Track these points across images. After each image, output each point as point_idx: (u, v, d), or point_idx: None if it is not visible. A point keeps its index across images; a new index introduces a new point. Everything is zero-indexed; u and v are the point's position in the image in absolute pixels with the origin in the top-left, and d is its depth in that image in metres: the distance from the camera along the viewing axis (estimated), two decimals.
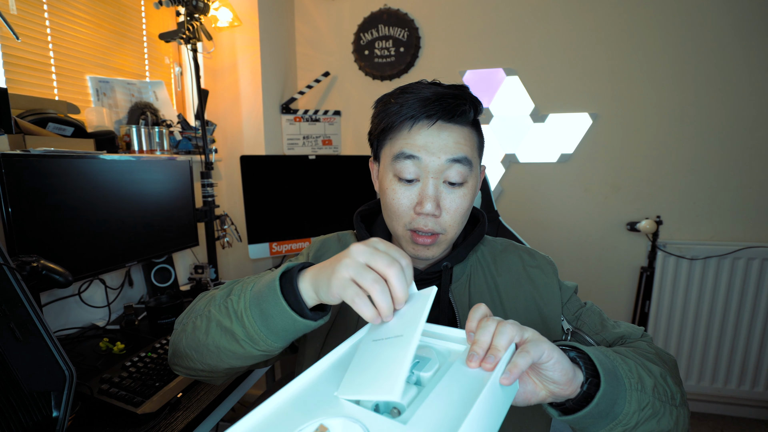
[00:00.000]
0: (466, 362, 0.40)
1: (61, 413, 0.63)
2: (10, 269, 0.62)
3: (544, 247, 2.00)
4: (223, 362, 0.54)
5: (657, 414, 0.49)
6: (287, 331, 0.48)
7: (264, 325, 0.48)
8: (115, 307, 1.34)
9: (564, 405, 0.46)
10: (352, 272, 0.43)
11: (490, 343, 0.40)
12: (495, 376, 0.38)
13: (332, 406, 0.37)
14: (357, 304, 0.43)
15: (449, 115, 0.60)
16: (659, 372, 0.52)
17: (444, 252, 0.68)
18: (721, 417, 1.93)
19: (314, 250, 0.74)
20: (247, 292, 0.50)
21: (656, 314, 1.90)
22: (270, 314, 0.47)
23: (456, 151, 0.60)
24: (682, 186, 1.86)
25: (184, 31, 1.45)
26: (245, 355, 0.51)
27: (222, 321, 0.52)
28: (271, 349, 0.50)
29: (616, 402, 0.45)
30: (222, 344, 0.52)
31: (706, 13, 1.73)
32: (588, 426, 0.46)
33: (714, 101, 1.77)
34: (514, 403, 0.44)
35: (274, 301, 0.47)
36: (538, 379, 0.43)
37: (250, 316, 0.49)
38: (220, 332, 0.52)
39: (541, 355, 0.40)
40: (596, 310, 0.69)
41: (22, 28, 1.18)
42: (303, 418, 0.36)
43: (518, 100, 1.97)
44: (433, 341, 0.46)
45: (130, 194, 1.23)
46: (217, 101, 1.93)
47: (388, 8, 2.02)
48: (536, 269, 0.70)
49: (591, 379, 0.45)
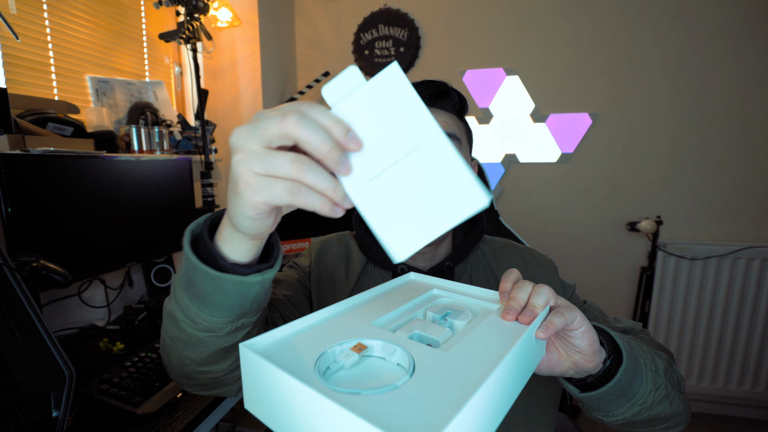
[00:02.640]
0: (502, 315, 0.41)
1: (61, 413, 0.63)
2: (9, 269, 0.62)
3: (544, 247, 2.00)
4: (185, 356, 0.46)
5: (669, 396, 0.50)
6: (215, 296, 0.39)
7: (191, 295, 0.40)
8: (115, 307, 1.34)
9: (585, 381, 0.47)
10: (256, 166, 0.30)
11: (527, 301, 0.41)
12: (531, 328, 0.38)
13: (368, 331, 0.38)
14: (298, 199, 0.31)
15: (434, 98, 0.65)
16: (666, 358, 0.55)
17: (444, 249, 0.69)
18: (721, 417, 1.92)
19: (315, 251, 0.74)
20: (181, 266, 0.43)
21: (656, 314, 1.90)
22: (191, 278, 0.39)
23: (445, 128, 0.63)
24: (682, 186, 1.86)
25: (184, 30, 1.45)
26: (192, 339, 0.43)
27: (166, 306, 0.46)
28: (213, 326, 0.41)
29: (634, 380, 0.47)
30: (173, 333, 0.45)
31: (706, 13, 1.73)
32: (607, 404, 0.47)
33: (714, 101, 1.77)
34: (538, 371, 0.45)
35: (186, 259, 0.39)
36: (564, 348, 0.44)
37: (180, 289, 0.42)
38: (168, 320, 0.45)
39: (574, 320, 0.41)
40: (596, 308, 0.70)
41: (22, 28, 1.18)
42: (341, 336, 0.36)
43: (518, 100, 1.97)
44: (464, 298, 0.47)
45: (130, 194, 1.22)
46: (217, 101, 1.93)
47: (388, 8, 2.02)
48: (537, 268, 0.71)
49: (613, 356, 0.47)
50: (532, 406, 0.62)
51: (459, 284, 0.50)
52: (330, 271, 0.71)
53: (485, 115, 2.02)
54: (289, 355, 0.33)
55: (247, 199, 0.32)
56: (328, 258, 0.72)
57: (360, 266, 0.70)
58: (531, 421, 0.62)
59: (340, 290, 0.68)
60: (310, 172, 0.30)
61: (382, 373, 0.32)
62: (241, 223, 0.34)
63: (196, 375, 0.48)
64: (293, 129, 0.29)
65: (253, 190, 0.31)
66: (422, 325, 0.39)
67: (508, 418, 0.60)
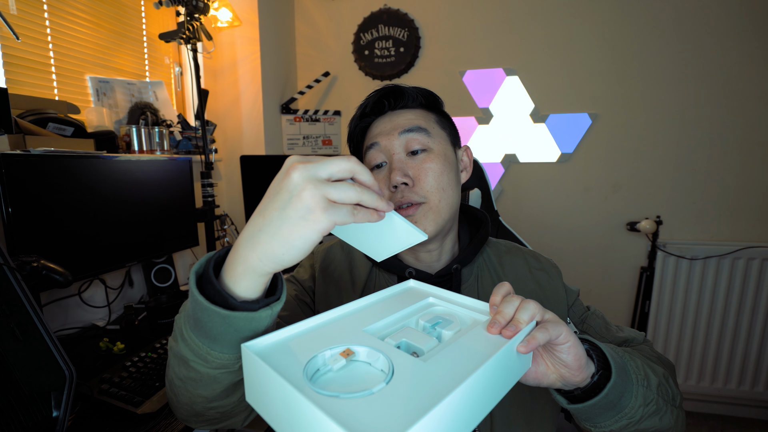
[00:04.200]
0: (487, 329, 0.42)
1: (61, 413, 0.63)
2: (10, 269, 0.62)
3: (544, 247, 2.00)
4: (196, 395, 0.46)
5: (660, 411, 0.50)
6: (226, 334, 0.40)
7: (200, 334, 0.41)
8: (115, 307, 1.34)
9: (572, 393, 0.47)
10: (332, 193, 0.36)
11: (512, 316, 0.42)
12: (512, 342, 0.40)
13: (358, 337, 0.40)
14: (358, 217, 0.38)
15: (395, 103, 0.67)
16: (662, 373, 0.55)
17: (451, 252, 0.70)
18: (721, 417, 1.92)
19: (320, 260, 0.73)
20: (186, 304, 0.43)
21: (656, 314, 1.90)
22: (199, 318, 0.40)
23: (407, 124, 0.65)
24: (682, 186, 1.86)
25: (184, 31, 1.45)
26: (204, 377, 0.43)
27: (173, 348, 0.45)
28: (225, 363, 0.42)
29: (623, 395, 0.47)
30: (182, 373, 0.44)
31: (706, 12, 1.73)
32: (595, 416, 0.48)
33: (714, 101, 1.77)
34: (526, 381, 0.46)
35: (194, 300, 0.40)
36: (551, 361, 0.45)
37: (188, 329, 0.42)
38: (176, 361, 0.45)
39: (559, 335, 0.42)
40: (600, 315, 0.70)
41: (22, 29, 1.18)
42: (334, 341, 0.39)
43: (518, 100, 1.97)
44: (456, 308, 0.48)
45: (130, 194, 1.23)
46: (217, 101, 1.93)
47: (388, 8, 2.02)
48: (542, 272, 0.71)
49: (602, 372, 0.47)
50: (534, 406, 0.62)
51: (454, 294, 0.51)
52: (335, 280, 0.71)
53: (485, 116, 2.02)
54: (283, 357, 0.36)
55: (316, 226, 0.36)
56: (333, 267, 0.72)
57: (366, 272, 0.71)
58: (533, 420, 0.62)
59: (347, 298, 0.69)
60: (366, 193, 0.38)
61: (365, 377, 0.35)
62: (288, 253, 0.37)
63: (206, 411, 0.48)
64: (355, 165, 0.38)
65: (327, 215, 0.36)
66: (411, 334, 0.41)
67: (509, 418, 0.60)
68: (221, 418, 0.50)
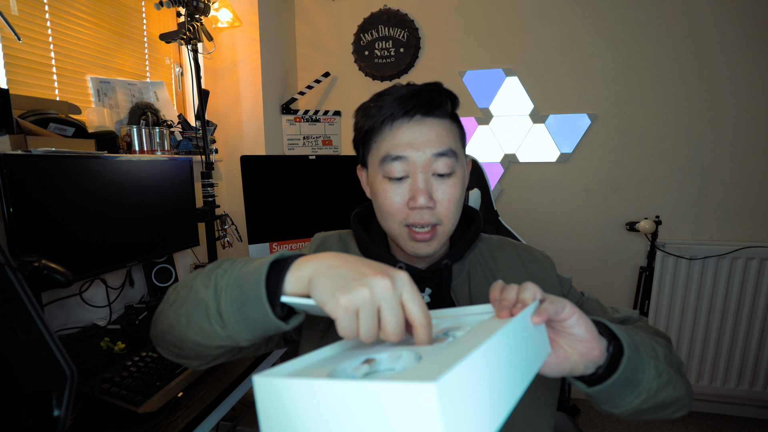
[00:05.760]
0: (497, 315, 0.43)
1: (62, 413, 0.63)
2: (11, 269, 0.62)
3: (544, 247, 1.99)
4: (189, 337, 0.49)
5: (672, 381, 0.51)
6: (257, 323, 0.44)
7: (238, 309, 0.44)
8: (116, 306, 1.34)
9: (595, 374, 0.48)
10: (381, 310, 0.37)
11: (516, 298, 0.44)
12: (525, 312, 0.41)
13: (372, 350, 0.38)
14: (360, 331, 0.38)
15: (426, 107, 0.61)
16: (665, 344, 0.56)
17: (442, 248, 0.68)
18: (720, 416, 1.93)
19: (315, 247, 0.74)
20: (235, 270, 0.47)
21: (655, 314, 1.90)
22: (247, 298, 0.43)
23: (440, 145, 0.61)
24: (681, 186, 1.86)
25: (185, 31, 1.46)
26: (210, 333, 0.47)
27: (199, 292, 0.48)
28: (237, 338, 0.46)
29: (638, 369, 0.48)
30: (193, 317, 0.48)
31: (706, 12, 1.73)
32: (615, 396, 0.48)
33: (713, 101, 1.77)
34: (549, 373, 0.46)
35: (255, 285, 0.43)
36: (567, 342, 0.46)
37: (229, 295, 0.45)
38: (195, 303, 0.48)
39: (564, 308, 0.43)
40: (594, 299, 0.70)
41: (23, 29, 1.19)
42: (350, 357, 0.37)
43: (518, 101, 1.98)
44: (459, 319, 0.48)
45: (131, 194, 1.23)
46: (218, 101, 1.93)
47: (388, 9, 2.03)
48: (534, 264, 0.71)
49: (614, 341, 0.48)
50: (531, 402, 0.62)
51: (451, 309, 0.51)
52: None
53: (485, 116, 2.02)
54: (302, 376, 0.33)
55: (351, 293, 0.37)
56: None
57: None
58: (530, 417, 0.62)
59: None
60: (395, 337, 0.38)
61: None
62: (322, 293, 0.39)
63: (186, 346, 0.51)
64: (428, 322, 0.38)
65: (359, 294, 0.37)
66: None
67: None
68: (193, 357, 0.54)
